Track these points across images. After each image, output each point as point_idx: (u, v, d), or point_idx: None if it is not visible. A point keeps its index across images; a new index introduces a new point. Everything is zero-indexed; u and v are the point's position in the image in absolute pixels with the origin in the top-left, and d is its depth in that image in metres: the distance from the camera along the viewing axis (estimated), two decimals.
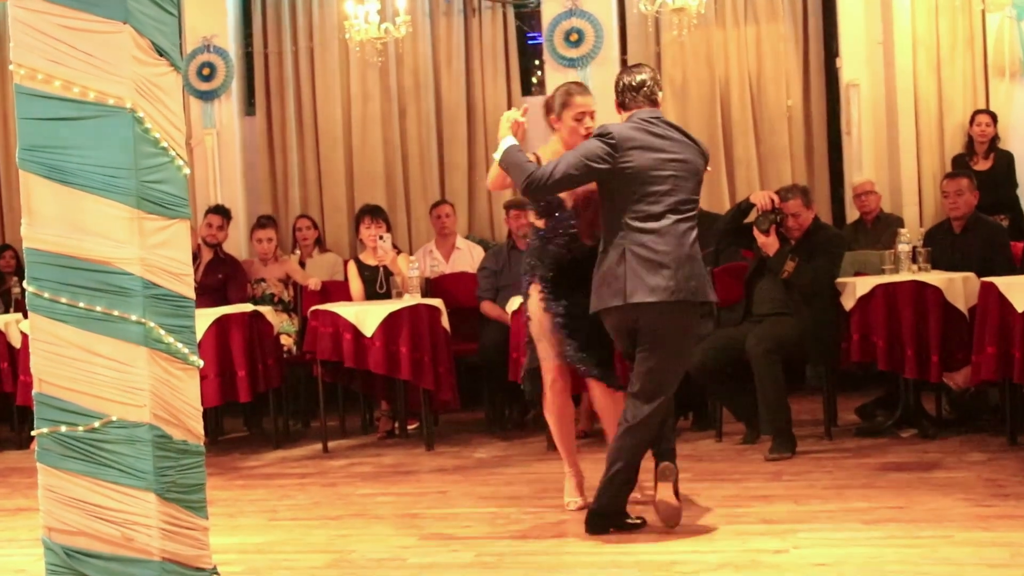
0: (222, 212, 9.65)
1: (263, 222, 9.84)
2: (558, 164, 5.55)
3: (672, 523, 5.44)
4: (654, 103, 5.86)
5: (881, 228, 9.35)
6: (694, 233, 5.56)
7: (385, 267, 8.71)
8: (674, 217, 5.49)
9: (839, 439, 7.65)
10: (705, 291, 5.55)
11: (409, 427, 8.80)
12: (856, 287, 7.49)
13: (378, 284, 8.66)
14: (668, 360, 5.51)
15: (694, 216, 5.61)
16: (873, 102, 10.45)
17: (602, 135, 5.58)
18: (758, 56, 10.85)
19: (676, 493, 5.52)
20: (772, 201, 7.54)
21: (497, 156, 5.73)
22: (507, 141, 5.72)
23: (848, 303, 7.50)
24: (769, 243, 7.53)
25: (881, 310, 7.38)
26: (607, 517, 5.53)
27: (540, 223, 5.94)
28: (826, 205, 10.89)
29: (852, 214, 10.10)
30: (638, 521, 5.56)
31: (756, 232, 7.56)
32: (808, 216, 7.65)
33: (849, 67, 10.51)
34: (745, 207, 7.74)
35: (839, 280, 7.75)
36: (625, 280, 5.39)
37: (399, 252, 9.11)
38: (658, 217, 5.46)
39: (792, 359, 7.66)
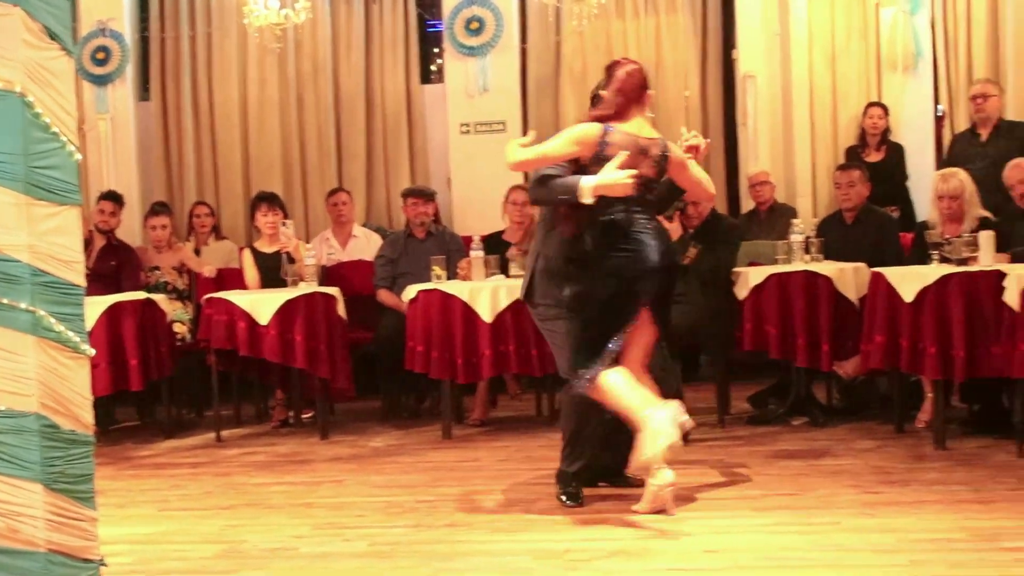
0: (114, 198, 9.56)
1: (157, 209, 9.74)
2: None
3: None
4: None
5: (775, 218, 9.47)
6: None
7: (289, 254, 8.64)
8: None
9: (732, 427, 7.75)
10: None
11: (304, 416, 8.77)
12: (750, 276, 7.59)
13: (282, 271, 8.60)
14: None
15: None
16: (769, 94, 10.56)
17: None
18: (657, 47, 10.93)
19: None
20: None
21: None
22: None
23: (742, 292, 7.59)
24: (672, 228, 7.60)
25: (774, 299, 7.47)
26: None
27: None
28: (722, 195, 11.01)
29: (747, 204, 10.21)
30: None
31: (660, 218, 7.63)
32: (706, 205, 7.73)
33: (746, 59, 10.61)
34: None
35: (733, 270, 7.85)
36: None
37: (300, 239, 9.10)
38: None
39: (685, 347, 7.74)
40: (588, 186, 5.40)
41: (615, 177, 5.38)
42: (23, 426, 4.25)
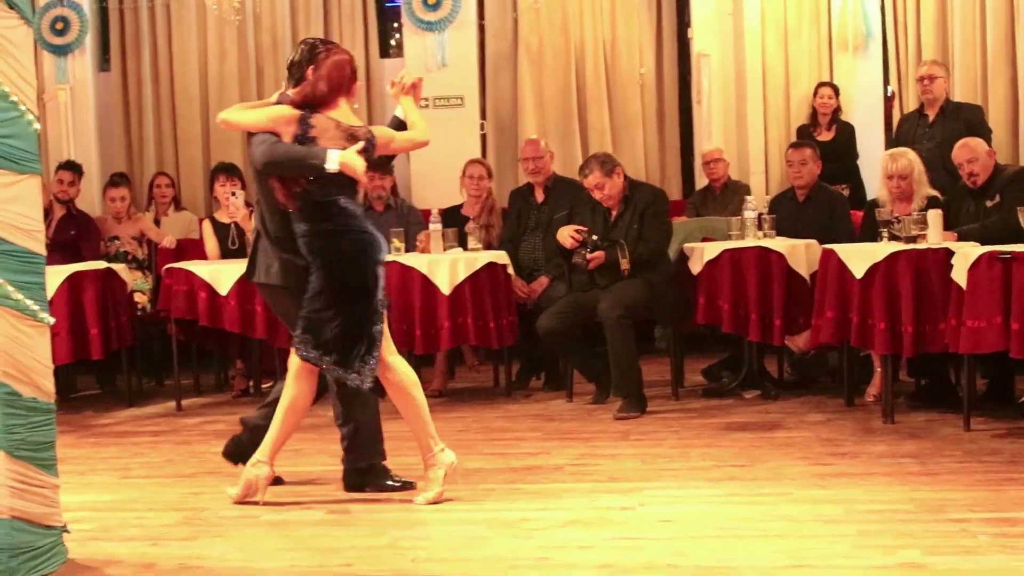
0: (73, 168, 9.49)
1: (116, 180, 9.63)
2: None
3: None
4: None
5: (729, 195, 9.47)
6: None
7: (237, 224, 8.55)
8: None
9: (685, 399, 7.77)
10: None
11: (264, 386, 8.68)
12: (704, 252, 7.58)
13: (230, 241, 8.52)
14: None
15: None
16: (723, 72, 10.56)
17: None
18: (612, 24, 10.91)
19: None
20: (574, 235, 7.61)
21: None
22: None
23: (696, 267, 7.59)
24: (596, 261, 7.56)
25: (727, 274, 7.48)
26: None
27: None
28: (676, 171, 11.03)
29: (701, 181, 10.21)
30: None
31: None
32: (616, 184, 7.63)
33: (700, 38, 10.60)
34: (563, 251, 7.76)
35: (687, 245, 7.85)
36: None
37: (252, 209, 8.99)
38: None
39: (641, 321, 7.75)
40: (335, 156, 5.23)
41: (359, 163, 5.28)
42: None
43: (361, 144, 5.37)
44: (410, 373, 5.53)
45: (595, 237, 7.55)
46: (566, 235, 7.66)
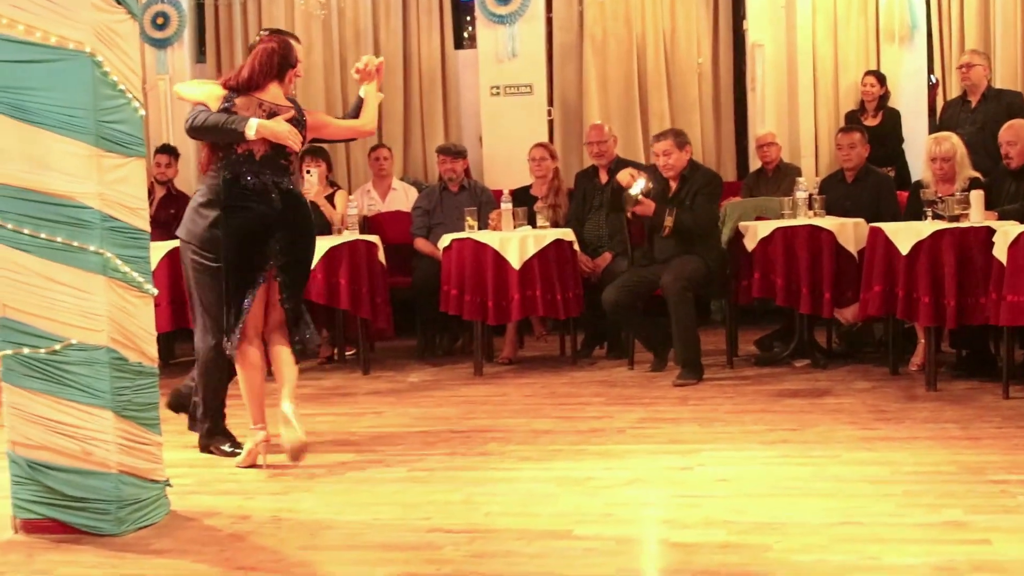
0: (169, 151, 9.62)
1: None
2: None
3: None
4: None
5: (781, 177, 9.38)
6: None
7: (312, 201, 8.55)
8: None
9: (739, 368, 7.73)
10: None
11: (347, 353, 8.76)
12: (758, 230, 7.54)
13: None
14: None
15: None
16: (775, 61, 10.46)
17: None
18: (672, 17, 10.84)
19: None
20: (632, 175, 7.57)
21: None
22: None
23: (750, 244, 7.55)
24: (644, 209, 7.56)
25: (780, 251, 7.42)
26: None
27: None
28: (731, 155, 10.95)
29: (755, 163, 10.13)
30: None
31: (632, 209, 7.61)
32: (681, 157, 7.61)
33: (754, 28, 10.50)
34: (616, 187, 7.71)
35: (742, 224, 7.80)
36: None
37: (337, 189, 9.04)
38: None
39: (699, 295, 7.73)
40: (255, 123, 5.31)
41: (283, 128, 5.37)
42: (94, 358, 4.28)
43: (290, 114, 5.48)
44: (259, 356, 5.54)
45: (651, 185, 7.54)
46: (626, 173, 7.64)
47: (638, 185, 7.47)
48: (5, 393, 4.36)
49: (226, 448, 5.75)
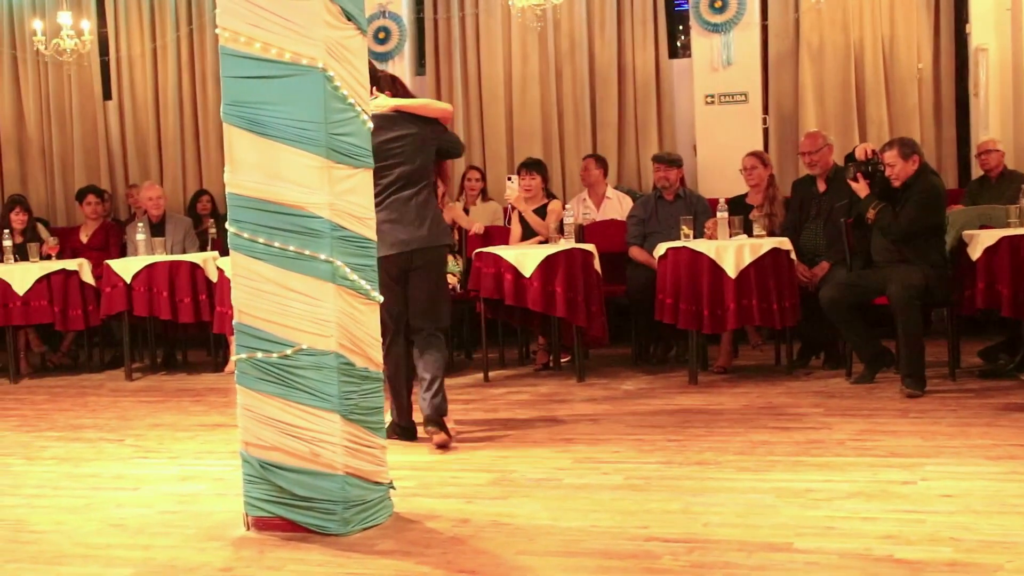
0: None
1: None
2: None
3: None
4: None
5: (1005, 184, 9.03)
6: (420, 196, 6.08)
7: (513, 206, 8.66)
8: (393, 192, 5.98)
9: (962, 380, 7.45)
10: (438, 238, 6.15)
11: (562, 360, 8.80)
12: (983, 239, 7.26)
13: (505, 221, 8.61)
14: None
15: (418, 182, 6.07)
16: (1000, 65, 10.09)
17: None
18: (891, 21, 10.56)
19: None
20: (867, 152, 7.53)
21: None
22: None
23: (974, 254, 7.27)
24: (859, 188, 7.55)
25: (1006, 260, 7.14)
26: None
27: None
28: (952, 162, 10.60)
29: (977, 171, 9.78)
30: None
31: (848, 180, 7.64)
32: (907, 167, 7.39)
33: (978, 32, 10.16)
34: (849, 154, 7.75)
35: (966, 232, 7.52)
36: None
37: (551, 199, 9.08)
38: (377, 195, 5.67)
39: (924, 304, 7.49)
40: None
41: None
42: (323, 363, 4.37)
43: None
44: None
45: (881, 167, 7.44)
46: (862, 147, 7.67)
47: (867, 165, 7.54)
48: (239, 396, 4.49)
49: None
